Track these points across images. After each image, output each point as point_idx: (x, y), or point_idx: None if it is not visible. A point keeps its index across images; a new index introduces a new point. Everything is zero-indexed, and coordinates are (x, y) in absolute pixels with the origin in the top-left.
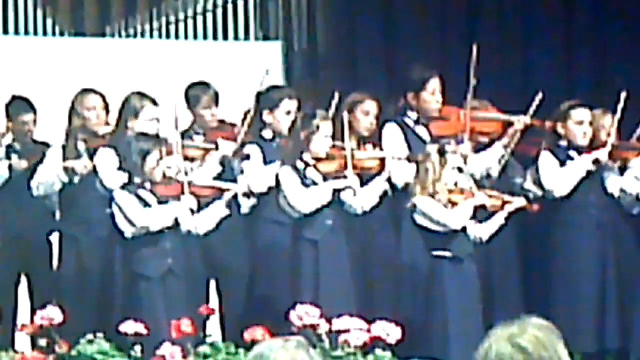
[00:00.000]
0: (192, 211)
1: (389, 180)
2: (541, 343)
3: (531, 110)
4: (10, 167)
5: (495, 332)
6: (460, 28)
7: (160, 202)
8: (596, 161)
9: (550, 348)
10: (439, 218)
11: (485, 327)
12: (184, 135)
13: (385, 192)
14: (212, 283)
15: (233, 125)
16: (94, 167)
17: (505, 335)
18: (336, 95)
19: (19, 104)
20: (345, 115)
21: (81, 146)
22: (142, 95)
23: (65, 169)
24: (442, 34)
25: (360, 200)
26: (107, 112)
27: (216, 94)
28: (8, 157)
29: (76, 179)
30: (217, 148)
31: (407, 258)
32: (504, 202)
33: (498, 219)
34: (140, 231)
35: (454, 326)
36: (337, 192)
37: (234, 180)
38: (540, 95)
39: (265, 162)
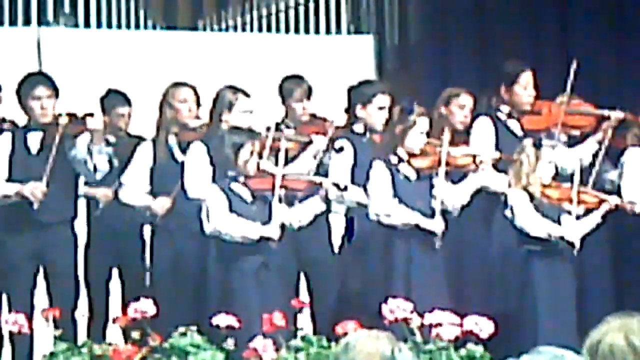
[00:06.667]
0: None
1: (482, 179)
2: None
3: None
4: (109, 161)
5: (610, 323)
6: (553, 22)
7: (253, 196)
8: None
9: None
10: (524, 220)
11: (578, 325)
12: (275, 128)
13: (478, 190)
14: (304, 277)
15: (324, 119)
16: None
17: (623, 329)
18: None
19: (115, 97)
20: (442, 110)
21: (172, 140)
22: (234, 88)
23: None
24: (534, 27)
25: (452, 200)
26: (199, 105)
27: (309, 88)
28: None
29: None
30: (310, 142)
31: (499, 252)
32: (601, 201)
33: (595, 217)
34: (214, 233)
35: (545, 322)
36: (431, 188)
37: (326, 175)
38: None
39: (356, 156)
